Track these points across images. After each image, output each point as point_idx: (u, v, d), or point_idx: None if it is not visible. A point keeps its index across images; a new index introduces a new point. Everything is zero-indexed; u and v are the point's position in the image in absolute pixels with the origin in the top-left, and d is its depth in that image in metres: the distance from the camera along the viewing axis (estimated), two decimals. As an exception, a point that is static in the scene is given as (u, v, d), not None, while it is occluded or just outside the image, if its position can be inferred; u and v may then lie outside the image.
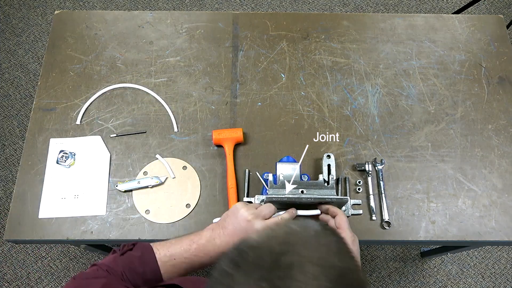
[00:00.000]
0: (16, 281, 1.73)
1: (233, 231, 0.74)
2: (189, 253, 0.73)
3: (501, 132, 1.14)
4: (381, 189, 1.05)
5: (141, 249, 0.73)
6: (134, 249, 0.73)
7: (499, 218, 1.04)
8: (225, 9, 2.33)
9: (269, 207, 0.77)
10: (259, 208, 0.76)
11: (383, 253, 1.81)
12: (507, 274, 1.77)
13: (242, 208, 0.75)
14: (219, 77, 1.20)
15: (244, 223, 0.73)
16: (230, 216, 0.76)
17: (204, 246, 0.74)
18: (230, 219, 0.75)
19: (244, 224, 0.73)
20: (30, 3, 2.32)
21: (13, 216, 1.02)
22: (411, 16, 1.30)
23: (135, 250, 0.73)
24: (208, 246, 0.74)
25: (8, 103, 2.06)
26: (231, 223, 0.74)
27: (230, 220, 0.75)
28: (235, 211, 0.75)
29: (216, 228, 0.76)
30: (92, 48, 1.23)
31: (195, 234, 0.76)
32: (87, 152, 1.09)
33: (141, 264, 0.71)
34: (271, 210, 0.76)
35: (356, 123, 1.14)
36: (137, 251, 0.73)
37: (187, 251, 0.73)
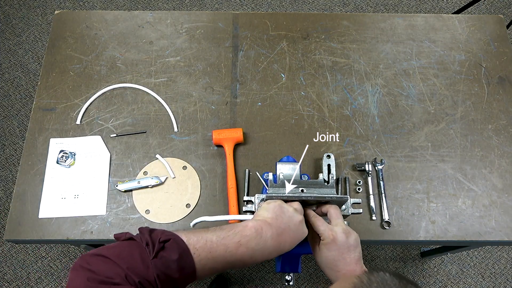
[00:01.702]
0: (16, 281, 1.73)
1: (286, 231, 0.69)
2: (234, 258, 0.64)
3: (501, 132, 1.14)
4: (381, 189, 1.05)
5: (177, 250, 0.60)
6: (168, 249, 0.60)
7: (499, 218, 1.04)
8: (225, 9, 2.33)
9: (300, 206, 0.75)
10: (299, 208, 0.74)
11: (383, 253, 1.81)
12: (507, 274, 1.77)
13: (288, 207, 0.72)
14: (219, 77, 1.20)
15: (297, 224, 0.71)
16: (281, 215, 0.70)
17: (253, 251, 0.65)
18: (282, 218, 0.69)
19: (297, 225, 0.70)
20: (30, 3, 2.32)
21: (13, 216, 1.02)
22: (411, 16, 1.30)
23: (169, 250, 0.60)
24: (256, 250, 0.66)
25: (8, 103, 2.06)
26: (284, 223, 0.69)
27: (282, 220, 0.69)
28: (284, 210, 0.71)
29: (266, 227, 0.67)
30: (92, 48, 1.23)
31: (241, 233, 0.66)
32: (87, 152, 1.09)
33: (178, 269, 0.59)
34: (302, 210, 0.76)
35: (356, 123, 1.14)
36: (174, 252, 0.59)
37: (233, 255, 0.64)
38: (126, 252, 0.57)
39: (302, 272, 1.79)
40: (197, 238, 0.63)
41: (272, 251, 0.68)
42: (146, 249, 0.58)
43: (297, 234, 0.71)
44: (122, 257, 0.56)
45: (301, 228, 0.71)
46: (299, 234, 0.71)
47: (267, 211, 0.71)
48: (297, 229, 0.71)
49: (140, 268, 0.56)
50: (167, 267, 0.58)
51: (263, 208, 0.73)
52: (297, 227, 0.71)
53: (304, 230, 0.72)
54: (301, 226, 0.71)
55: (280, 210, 0.71)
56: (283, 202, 0.74)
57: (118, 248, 0.58)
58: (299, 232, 0.71)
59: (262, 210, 0.72)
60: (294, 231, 0.70)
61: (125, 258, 0.56)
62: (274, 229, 0.68)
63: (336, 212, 0.76)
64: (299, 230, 0.71)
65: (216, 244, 0.63)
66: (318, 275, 1.79)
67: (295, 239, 0.71)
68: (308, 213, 0.77)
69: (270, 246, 0.67)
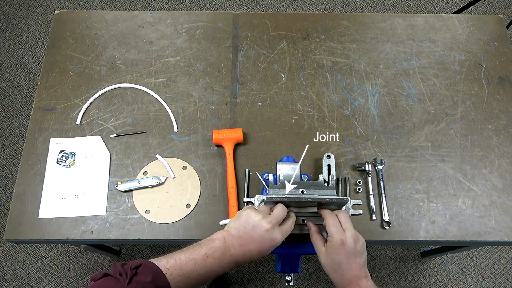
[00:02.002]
0: (16, 281, 1.73)
1: (249, 241, 0.70)
2: (205, 269, 0.68)
3: (501, 132, 1.14)
4: (381, 189, 1.05)
5: (150, 272, 0.64)
6: (140, 273, 0.63)
7: (499, 218, 1.04)
8: (225, 9, 2.33)
9: (282, 210, 0.74)
10: (274, 213, 0.73)
11: (383, 253, 1.81)
12: (507, 274, 1.77)
13: (256, 215, 0.71)
14: (219, 77, 1.20)
15: (263, 233, 0.70)
16: (244, 224, 0.71)
17: (219, 260, 0.69)
18: (244, 227, 0.71)
19: (263, 234, 0.70)
20: (30, 3, 2.32)
21: (13, 216, 1.02)
22: (411, 16, 1.30)
23: (142, 274, 0.63)
24: (223, 258, 0.69)
25: (8, 103, 2.06)
26: (247, 233, 0.70)
27: (245, 230, 0.71)
28: (249, 220, 0.71)
29: (229, 237, 0.71)
30: (92, 48, 1.23)
31: (207, 245, 0.70)
32: (87, 152, 1.09)
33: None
34: (284, 213, 0.74)
35: (356, 123, 1.14)
36: (146, 275, 0.63)
37: (203, 268, 0.68)
38: (102, 286, 0.60)
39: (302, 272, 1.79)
40: (167, 259, 0.67)
41: (240, 260, 0.70)
42: (120, 279, 0.61)
43: (263, 243, 0.70)
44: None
45: (268, 236, 0.70)
46: (267, 242, 0.70)
47: (234, 221, 0.73)
48: (262, 238, 0.70)
49: None
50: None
51: (234, 217, 0.75)
52: (262, 236, 0.70)
53: (273, 237, 0.70)
54: (268, 234, 0.70)
55: (246, 220, 0.71)
56: (253, 210, 0.73)
57: (95, 286, 0.61)
58: (266, 240, 0.70)
59: (233, 220, 0.74)
60: (259, 240, 0.70)
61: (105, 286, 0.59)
62: (235, 238, 0.70)
63: (346, 216, 0.76)
64: (265, 239, 0.70)
65: (185, 261, 0.67)
66: (318, 275, 1.79)
67: (263, 248, 0.71)
68: (323, 213, 0.77)
69: (236, 255, 0.70)
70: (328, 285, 1.77)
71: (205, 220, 1.02)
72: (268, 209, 0.76)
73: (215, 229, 1.00)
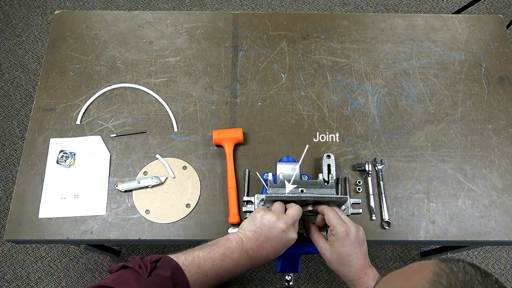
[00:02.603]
0: (16, 281, 1.73)
1: (266, 242, 0.70)
2: (223, 269, 0.69)
3: (501, 132, 1.14)
4: (381, 189, 1.05)
5: (170, 267, 0.64)
6: (160, 267, 0.64)
7: (499, 218, 1.04)
8: (225, 9, 2.33)
9: (297, 210, 0.74)
10: (289, 214, 0.73)
11: (383, 253, 1.81)
12: (507, 274, 1.77)
13: (271, 216, 0.71)
14: (219, 77, 1.20)
15: (280, 234, 0.70)
16: (260, 226, 0.71)
17: (237, 261, 0.70)
18: (261, 230, 0.71)
19: (280, 235, 0.70)
20: (30, 3, 2.32)
21: (13, 216, 1.02)
22: (411, 16, 1.30)
23: (161, 268, 0.64)
24: (240, 259, 0.70)
25: (8, 103, 2.06)
26: (264, 234, 0.71)
27: (261, 231, 0.71)
28: (264, 221, 0.71)
29: (246, 239, 0.72)
30: (92, 48, 1.23)
31: (224, 245, 0.71)
32: (87, 152, 1.09)
33: (172, 285, 0.63)
34: (299, 213, 0.74)
35: (356, 123, 1.14)
36: (166, 269, 0.64)
37: (221, 267, 0.69)
38: (121, 278, 0.61)
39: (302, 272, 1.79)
40: (185, 256, 0.68)
41: (256, 261, 0.71)
42: (139, 271, 0.62)
43: (279, 243, 0.71)
44: (117, 282, 0.59)
45: (284, 237, 0.71)
46: (283, 242, 0.71)
47: (249, 223, 0.73)
48: (279, 239, 0.71)
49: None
50: (161, 284, 0.62)
51: (247, 219, 0.75)
52: (279, 237, 0.71)
53: (289, 237, 0.71)
54: (284, 235, 0.71)
55: (261, 222, 0.72)
56: (267, 211, 0.74)
57: (113, 277, 0.61)
58: (283, 240, 0.71)
59: (246, 222, 0.75)
60: (275, 241, 0.71)
61: (120, 282, 0.59)
62: (253, 241, 0.71)
63: (339, 210, 0.78)
64: (282, 239, 0.71)
65: (203, 259, 0.68)
66: (318, 275, 1.79)
67: (279, 248, 0.71)
68: (321, 208, 0.77)
69: (253, 256, 0.71)
70: (328, 285, 1.77)
71: (205, 220, 1.02)
72: (282, 208, 0.75)
73: (215, 229, 1.00)
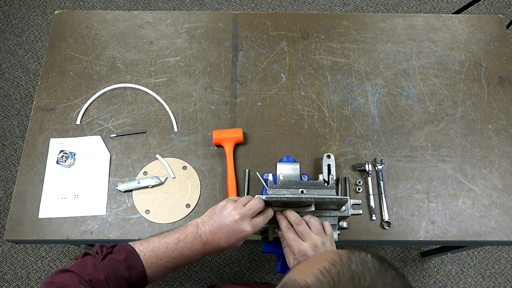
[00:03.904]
0: (16, 281, 1.73)
1: (218, 229, 0.72)
2: (176, 252, 0.72)
3: (501, 132, 1.14)
4: (381, 189, 1.05)
5: (124, 251, 0.69)
6: (115, 252, 0.69)
7: (499, 218, 1.04)
8: (225, 9, 2.33)
9: (257, 203, 0.74)
10: (248, 206, 0.74)
11: (383, 253, 1.81)
12: (507, 274, 1.77)
13: (230, 206, 0.73)
14: (219, 77, 1.20)
15: (232, 223, 0.71)
16: (217, 213, 0.74)
17: (190, 244, 0.72)
18: (217, 216, 0.73)
19: (232, 224, 0.71)
20: (30, 3, 2.32)
21: (13, 216, 1.02)
22: (411, 16, 1.30)
23: (116, 253, 0.69)
24: (194, 243, 0.72)
25: (8, 103, 2.06)
26: (218, 221, 0.72)
27: (217, 218, 0.73)
28: (223, 209, 0.73)
29: (202, 224, 0.74)
30: (92, 48, 1.23)
31: (180, 230, 0.74)
32: (87, 152, 1.09)
33: (126, 268, 0.68)
34: (259, 206, 0.74)
35: (356, 123, 1.14)
36: (120, 253, 0.69)
37: (174, 251, 0.71)
38: (80, 262, 0.68)
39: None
40: (141, 242, 0.72)
41: (210, 247, 0.73)
42: (96, 256, 0.68)
43: (231, 233, 0.72)
44: (76, 266, 0.67)
45: (236, 227, 0.72)
46: (235, 232, 0.72)
47: (210, 210, 0.77)
48: (231, 228, 0.72)
49: (90, 270, 0.66)
50: (115, 267, 0.67)
51: (213, 206, 0.78)
52: (231, 226, 0.72)
53: (241, 228, 0.72)
54: (236, 224, 0.72)
55: (220, 210, 0.74)
56: (229, 201, 0.75)
57: (75, 262, 0.69)
58: (234, 230, 0.72)
59: (210, 208, 0.77)
60: (227, 229, 0.72)
61: (79, 266, 0.66)
62: (207, 226, 0.73)
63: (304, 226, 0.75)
64: (233, 229, 0.72)
65: (158, 243, 0.72)
66: (318, 275, 1.78)
67: (230, 238, 0.72)
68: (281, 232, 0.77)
69: (206, 241, 0.73)
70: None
71: (205, 220, 1.02)
72: (246, 201, 0.76)
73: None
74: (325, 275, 0.41)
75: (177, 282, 1.73)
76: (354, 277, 0.40)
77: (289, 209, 0.79)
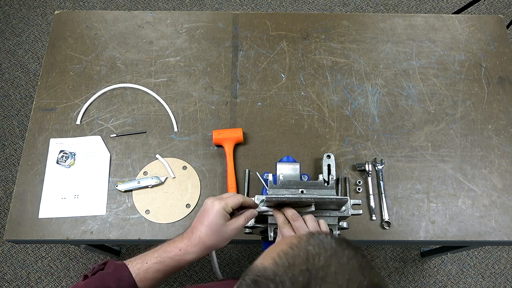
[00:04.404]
0: (16, 281, 1.73)
1: (197, 220, 0.73)
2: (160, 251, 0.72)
3: (501, 132, 1.14)
4: (381, 189, 1.05)
5: (113, 265, 0.72)
6: (106, 267, 0.72)
7: (499, 218, 1.04)
8: (225, 9, 2.33)
9: (234, 196, 0.75)
10: (223, 195, 0.76)
11: (383, 253, 1.81)
12: (507, 274, 1.77)
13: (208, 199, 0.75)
14: (219, 77, 1.20)
15: (204, 206, 0.73)
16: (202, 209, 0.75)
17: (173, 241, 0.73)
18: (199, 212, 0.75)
19: (204, 207, 0.73)
20: (30, 3, 2.32)
21: (13, 216, 1.02)
22: (411, 16, 1.30)
23: (107, 267, 0.72)
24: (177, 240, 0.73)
25: (8, 103, 2.06)
26: (198, 216, 0.74)
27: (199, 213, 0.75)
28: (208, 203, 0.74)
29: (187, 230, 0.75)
30: (92, 48, 1.23)
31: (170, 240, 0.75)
32: (87, 152, 1.09)
33: (115, 280, 0.69)
34: (234, 200, 0.75)
35: (356, 123, 1.14)
36: (110, 268, 0.71)
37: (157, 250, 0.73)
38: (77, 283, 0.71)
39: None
40: (134, 257, 0.73)
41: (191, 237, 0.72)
42: (88, 274, 0.71)
43: (203, 212, 0.73)
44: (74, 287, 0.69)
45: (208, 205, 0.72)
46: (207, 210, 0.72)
47: None
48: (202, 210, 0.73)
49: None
50: (103, 279, 0.69)
51: None
52: (203, 208, 0.73)
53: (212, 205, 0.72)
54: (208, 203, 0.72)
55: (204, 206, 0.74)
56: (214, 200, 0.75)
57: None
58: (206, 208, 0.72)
59: None
60: (200, 213, 0.73)
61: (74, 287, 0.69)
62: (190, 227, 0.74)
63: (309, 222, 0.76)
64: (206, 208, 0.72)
65: (147, 253, 0.73)
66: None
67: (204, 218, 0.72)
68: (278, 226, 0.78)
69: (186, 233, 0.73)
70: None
71: (205, 220, 1.02)
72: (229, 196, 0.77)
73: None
74: (282, 258, 0.41)
75: (177, 282, 1.73)
76: (308, 258, 0.41)
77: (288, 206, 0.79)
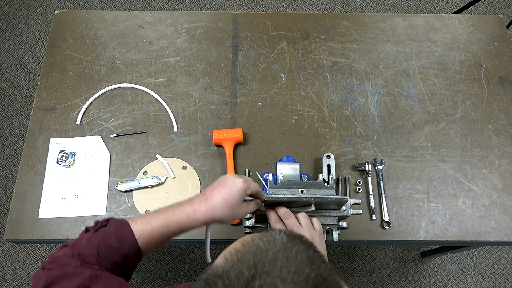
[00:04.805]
0: (16, 281, 1.73)
1: (211, 187, 0.72)
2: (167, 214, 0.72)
3: (501, 132, 1.14)
4: (381, 189, 1.05)
5: (115, 224, 0.70)
6: (109, 225, 0.70)
7: (499, 218, 1.04)
8: (225, 9, 2.33)
9: (255, 183, 0.75)
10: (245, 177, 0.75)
11: (383, 253, 1.81)
12: (507, 274, 1.77)
13: (230, 174, 0.75)
14: (219, 77, 1.20)
15: (226, 177, 0.72)
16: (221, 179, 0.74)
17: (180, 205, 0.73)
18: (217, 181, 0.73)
19: (226, 178, 0.72)
20: (30, 3, 2.32)
21: (13, 216, 1.02)
22: (411, 16, 1.30)
23: (109, 226, 0.70)
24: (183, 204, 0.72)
25: (8, 103, 2.06)
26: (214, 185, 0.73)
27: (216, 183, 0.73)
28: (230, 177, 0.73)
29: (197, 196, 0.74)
30: (92, 48, 1.23)
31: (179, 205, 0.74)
32: (87, 152, 1.09)
33: (117, 239, 0.68)
34: (256, 187, 0.75)
35: (356, 123, 1.14)
36: (112, 226, 0.70)
37: (164, 213, 0.72)
38: (78, 237, 0.71)
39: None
40: (138, 216, 0.72)
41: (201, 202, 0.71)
42: (91, 230, 0.70)
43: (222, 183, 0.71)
44: (74, 241, 0.70)
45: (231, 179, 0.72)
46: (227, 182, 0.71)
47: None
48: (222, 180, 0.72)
49: (83, 244, 0.68)
50: (105, 238, 0.68)
51: None
52: (224, 179, 0.72)
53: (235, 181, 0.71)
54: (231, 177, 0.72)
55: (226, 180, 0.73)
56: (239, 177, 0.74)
57: (76, 237, 0.72)
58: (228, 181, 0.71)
59: None
60: (218, 182, 0.72)
61: (76, 241, 0.70)
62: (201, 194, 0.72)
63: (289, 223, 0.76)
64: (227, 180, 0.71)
65: (152, 213, 0.72)
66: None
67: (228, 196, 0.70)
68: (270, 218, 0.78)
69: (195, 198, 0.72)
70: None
71: (205, 220, 1.02)
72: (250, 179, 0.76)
73: (215, 229, 1.00)
74: (232, 255, 0.42)
75: (177, 282, 1.73)
76: (256, 254, 0.41)
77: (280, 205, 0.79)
